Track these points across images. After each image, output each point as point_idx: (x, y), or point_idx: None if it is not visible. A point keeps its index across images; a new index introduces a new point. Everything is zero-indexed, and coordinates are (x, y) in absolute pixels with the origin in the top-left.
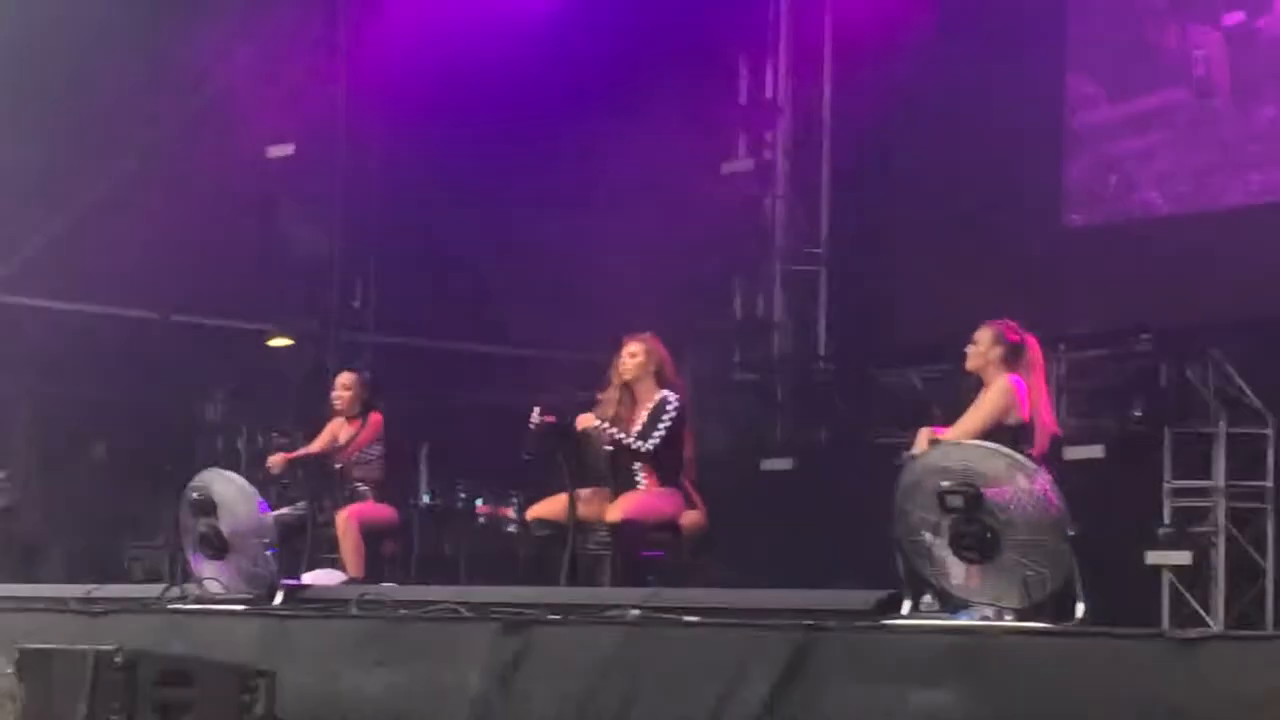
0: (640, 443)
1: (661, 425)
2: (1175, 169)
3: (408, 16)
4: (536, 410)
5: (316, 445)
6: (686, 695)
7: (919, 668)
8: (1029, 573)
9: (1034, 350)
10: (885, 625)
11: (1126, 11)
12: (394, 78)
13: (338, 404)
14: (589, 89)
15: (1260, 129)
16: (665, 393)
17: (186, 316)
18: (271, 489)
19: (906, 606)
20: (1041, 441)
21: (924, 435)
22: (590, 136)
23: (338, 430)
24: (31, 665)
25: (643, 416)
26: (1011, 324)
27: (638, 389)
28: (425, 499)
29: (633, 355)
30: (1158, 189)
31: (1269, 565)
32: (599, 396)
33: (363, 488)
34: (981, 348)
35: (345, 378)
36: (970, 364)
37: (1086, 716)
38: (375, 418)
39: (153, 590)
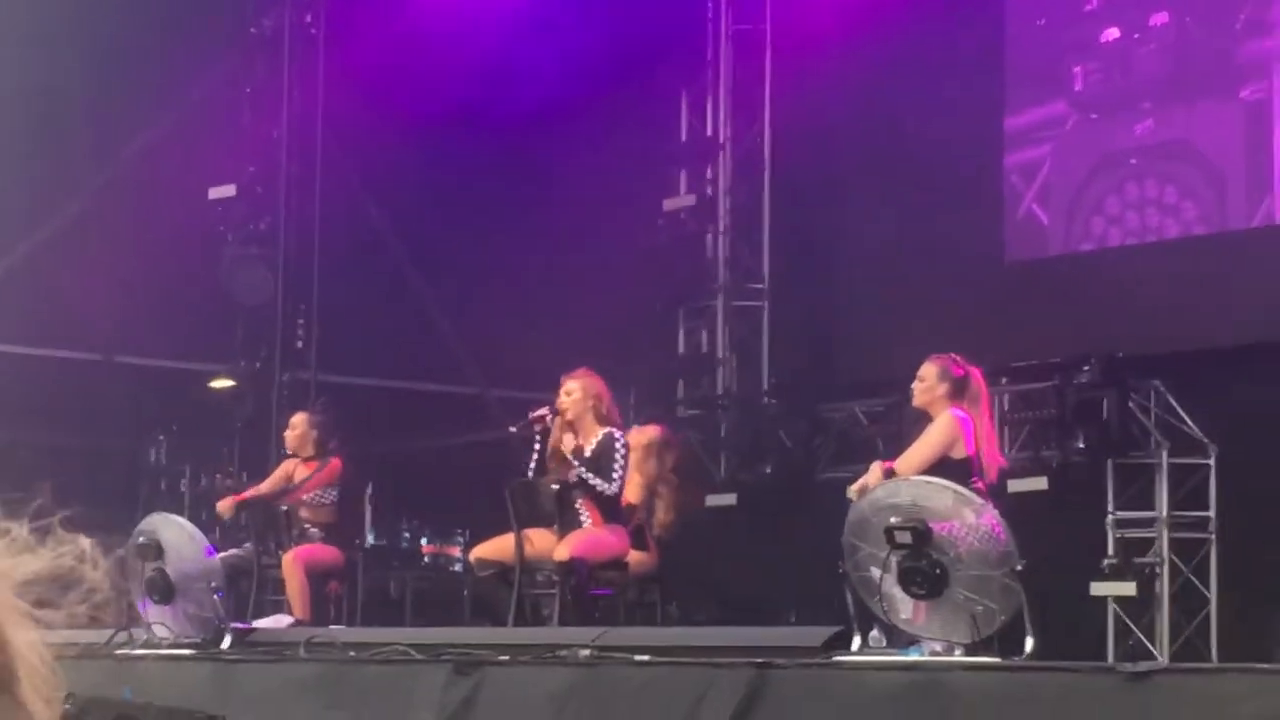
0: (604, 485)
1: (617, 465)
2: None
3: (348, 59)
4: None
5: (265, 485)
6: None
7: (871, 704)
8: (978, 608)
9: (978, 382)
10: (836, 662)
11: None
12: (336, 120)
13: (288, 444)
14: (530, 127)
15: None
16: (609, 430)
17: (129, 358)
18: (217, 530)
19: (856, 643)
20: (989, 473)
21: (876, 468)
22: (532, 174)
23: (292, 470)
24: None
25: (586, 455)
26: (956, 358)
27: (578, 426)
28: (370, 539)
29: (569, 394)
30: (1100, 219)
31: (1213, 595)
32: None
33: (312, 530)
34: (928, 383)
35: (296, 418)
36: (917, 400)
37: None
38: (335, 463)
39: (100, 636)
